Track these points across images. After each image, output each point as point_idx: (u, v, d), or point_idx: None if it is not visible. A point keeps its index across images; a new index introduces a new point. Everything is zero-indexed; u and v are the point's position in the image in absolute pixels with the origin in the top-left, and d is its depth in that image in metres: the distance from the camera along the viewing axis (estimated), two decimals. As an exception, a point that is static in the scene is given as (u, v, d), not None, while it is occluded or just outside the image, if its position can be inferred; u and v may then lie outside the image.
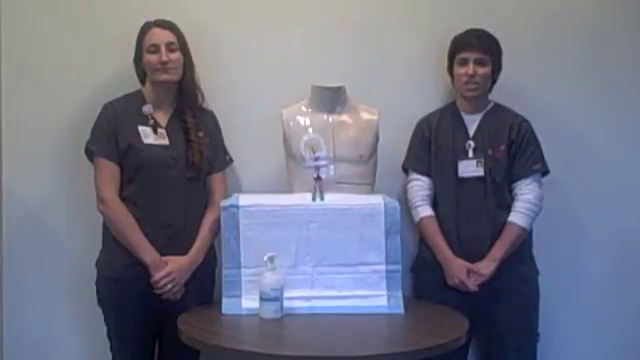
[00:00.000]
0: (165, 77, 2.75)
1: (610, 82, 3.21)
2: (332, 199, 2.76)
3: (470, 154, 2.90)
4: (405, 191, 3.00)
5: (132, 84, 2.86)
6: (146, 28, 2.77)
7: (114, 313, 2.75)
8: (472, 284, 2.82)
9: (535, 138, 2.91)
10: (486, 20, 2.97)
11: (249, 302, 2.66)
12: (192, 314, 2.66)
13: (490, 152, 2.89)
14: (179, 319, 2.59)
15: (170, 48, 2.74)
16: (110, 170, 2.71)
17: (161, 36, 2.75)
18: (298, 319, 2.61)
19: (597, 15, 3.20)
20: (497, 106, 2.98)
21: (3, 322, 3.08)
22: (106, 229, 2.76)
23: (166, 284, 2.67)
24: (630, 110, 3.22)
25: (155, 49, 2.74)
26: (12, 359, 3.07)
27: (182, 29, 2.81)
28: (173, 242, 2.72)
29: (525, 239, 2.90)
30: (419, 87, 3.13)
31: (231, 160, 2.94)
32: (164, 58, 2.72)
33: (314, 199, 2.76)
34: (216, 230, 2.78)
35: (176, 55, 2.76)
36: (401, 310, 2.70)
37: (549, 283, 2.99)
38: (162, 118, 2.80)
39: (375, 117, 2.93)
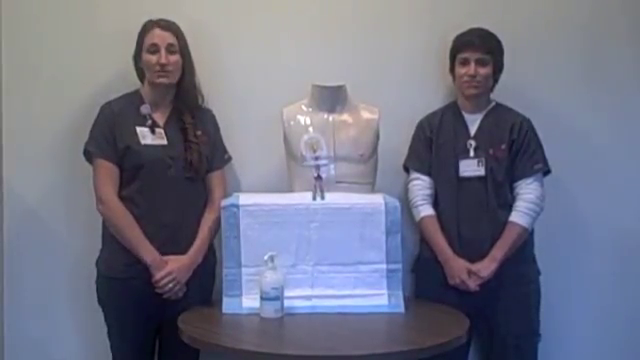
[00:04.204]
0: (162, 80, 2.75)
1: (611, 81, 3.20)
2: (332, 198, 2.76)
3: (471, 153, 2.90)
4: (406, 190, 3.00)
5: (132, 84, 2.86)
6: (148, 27, 2.77)
7: (114, 312, 2.75)
8: (473, 284, 2.81)
9: (536, 137, 2.91)
10: (486, 19, 2.97)
11: (249, 301, 2.66)
12: (192, 313, 2.66)
13: (491, 151, 2.88)
14: (179, 318, 2.60)
15: (170, 50, 2.74)
16: (109, 171, 2.71)
17: (162, 37, 2.75)
18: (298, 318, 2.61)
19: (597, 14, 3.19)
20: (499, 105, 2.97)
21: (3, 322, 3.08)
22: (106, 228, 2.76)
23: (167, 284, 2.67)
24: (631, 109, 3.22)
25: (155, 49, 2.73)
26: (12, 359, 3.07)
27: (182, 29, 2.80)
28: (172, 241, 2.72)
29: (526, 239, 2.89)
30: (419, 86, 3.13)
31: (230, 158, 2.94)
32: (163, 60, 2.72)
33: (314, 198, 2.76)
34: (216, 229, 2.78)
35: (175, 58, 2.75)
36: (402, 309, 2.70)
37: (550, 283, 2.99)
38: (160, 118, 2.80)
39: (375, 116, 2.93)
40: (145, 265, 2.66)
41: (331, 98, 2.89)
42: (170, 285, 2.68)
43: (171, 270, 2.68)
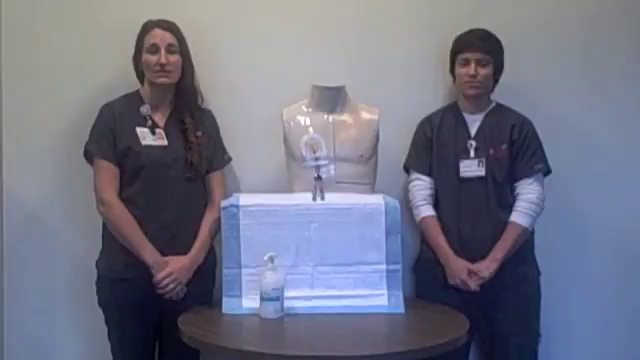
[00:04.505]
0: (162, 80, 2.75)
1: (611, 81, 3.20)
2: (332, 199, 2.76)
3: (472, 154, 2.90)
4: (407, 191, 3.00)
5: (132, 84, 2.86)
6: (148, 27, 2.77)
7: (114, 313, 2.75)
8: (473, 284, 2.81)
9: (537, 138, 2.91)
10: (486, 19, 2.98)
11: (249, 302, 2.66)
12: (192, 314, 2.66)
13: (492, 152, 2.88)
14: (179, 319, 2.60)
15: (170, 50, 2.74)
16: (109, 171, 2.71)
17: (162, 37, 2.75)
18: (298, 319, 2.61)
19: (597, 14, 3.19)
20: (499, 106, 2.97)
21: (3, 322, 3.08)
22: (106, 229, 2.76)
23: (168, 284, 2.67)
24: (631, 109, 3.22)
25: (155, 49, 2.74)
26: (12, 359, 3.07)
27: (182, 29, 2.81)
28: (173, 242, 2.72)
29: (527, 239, 2.89)
30: (419, 87, 3.13)
31: (230, 159, 2.94)
32: (163, 60, 2.72)
33: (314, 199, 2.76)
34: (216, 229, 2.78)
35: (175, 58, 2.75)
36: (401, 310, 2.70)
37: (551, 283, 2.99)
38: (160, 118, 2.80)
39: (375, 117, 2.92)
40: (145, 266, 2.66)
41: (331, 99, 2.89)
42: (171, 286, 2.68)
43: (172, 270, 2.68)
